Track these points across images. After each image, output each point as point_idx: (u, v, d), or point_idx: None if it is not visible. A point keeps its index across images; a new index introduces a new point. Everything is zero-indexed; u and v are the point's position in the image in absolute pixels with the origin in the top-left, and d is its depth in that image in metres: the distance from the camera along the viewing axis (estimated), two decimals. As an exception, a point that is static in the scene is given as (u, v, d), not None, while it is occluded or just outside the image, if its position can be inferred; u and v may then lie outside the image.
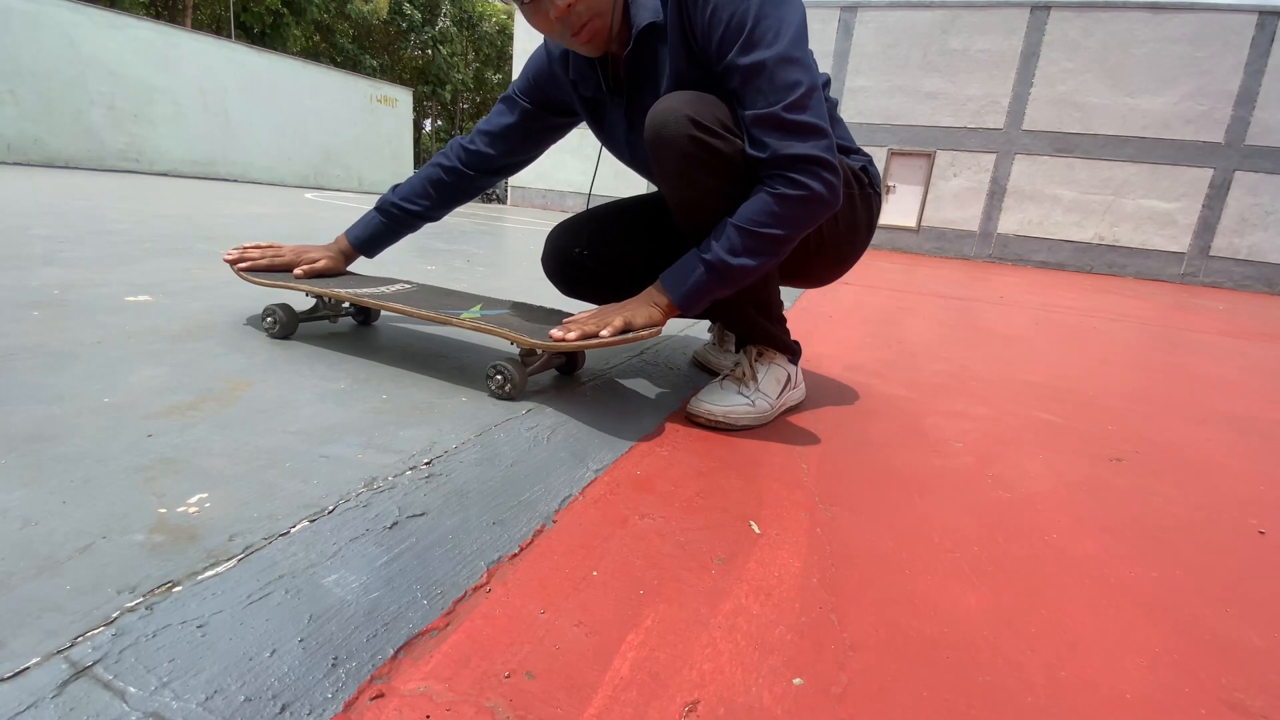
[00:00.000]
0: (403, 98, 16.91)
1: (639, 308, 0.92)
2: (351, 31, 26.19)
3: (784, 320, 1.13)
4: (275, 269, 1.13)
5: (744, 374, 1.07)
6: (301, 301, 1.18)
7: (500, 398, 0.90)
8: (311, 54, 23.95)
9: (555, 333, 0.87)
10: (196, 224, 2.98)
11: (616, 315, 0.90)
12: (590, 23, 0.85)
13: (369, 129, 15.86)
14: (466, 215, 7.69)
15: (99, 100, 10.75)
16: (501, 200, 21.96)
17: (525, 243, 4.18)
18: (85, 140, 10.66)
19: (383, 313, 1.30)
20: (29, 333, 0.95)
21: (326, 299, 1.15)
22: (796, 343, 1.14)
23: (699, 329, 1.73)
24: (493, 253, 3.19)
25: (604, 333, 0.86)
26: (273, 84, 13.45)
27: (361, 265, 2.05)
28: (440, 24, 28.04)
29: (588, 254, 1.21)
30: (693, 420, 1.04)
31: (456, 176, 1.16)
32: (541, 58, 1.08)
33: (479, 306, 1.04)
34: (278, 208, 5.16)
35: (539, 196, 17.20)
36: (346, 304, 1.19)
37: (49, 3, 9.94)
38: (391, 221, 1.18)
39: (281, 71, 13.69)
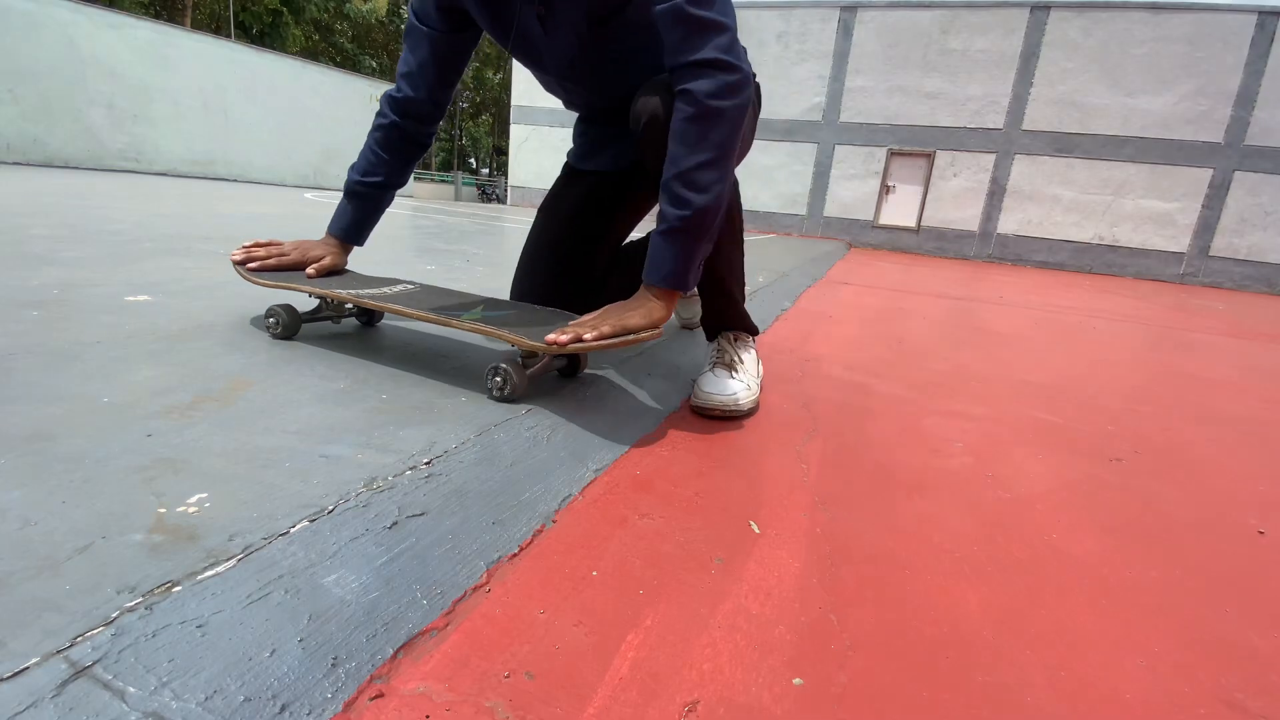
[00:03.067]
0: (402, 98, 16.85)
1: (638, 308, 0.92)
2: (350, 31, 26.18)
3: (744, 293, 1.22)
4: (282, 269, 1.12)
5: (731, 360, 1.13)
6: (304, 302, 1.17)
7: (500, 399, 0.90)
8: (311, 54, 23.93)
9: (551, 336, 0.86)
10: (196, 224, 2.98)
11: (616, 317, 0.89)
12: None
13: (368, 129, 15.83)
14: (466, 215, 7.69)
15: (98, 100, 10.74)
16: (501, 200, 21.96)
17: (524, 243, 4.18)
18: (85, 140, 10.64)
19: (386, 313, 1.30)
20: (29, 333, 0.95)
21: (330, 300, 1.14)
22: (744, 311, 1.23)
23: (698, 330, 1.73)
24: (493, 253, 3.19)
25: (588, 336, 0.84)
26: (272, 84, 13.44)
27: (364, 264, 2.05)
28: (440, 24, 28.00)
29: (565, 293, 1.23)
30: (702, 414, 1.06)
31: (398, 131, 1.14)
32: None
33: (481, 307, 1.04)
34: (277, 207, 5.15)
35: (539, 196, 17.17)
36: (349, 305, 1.18)
37: (49, 2, 9.92)
38: (364, 201, 1.17)
39: (281, 71, 13.68)
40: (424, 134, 1.18)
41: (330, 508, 0.55)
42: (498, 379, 0.90)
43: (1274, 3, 10.86)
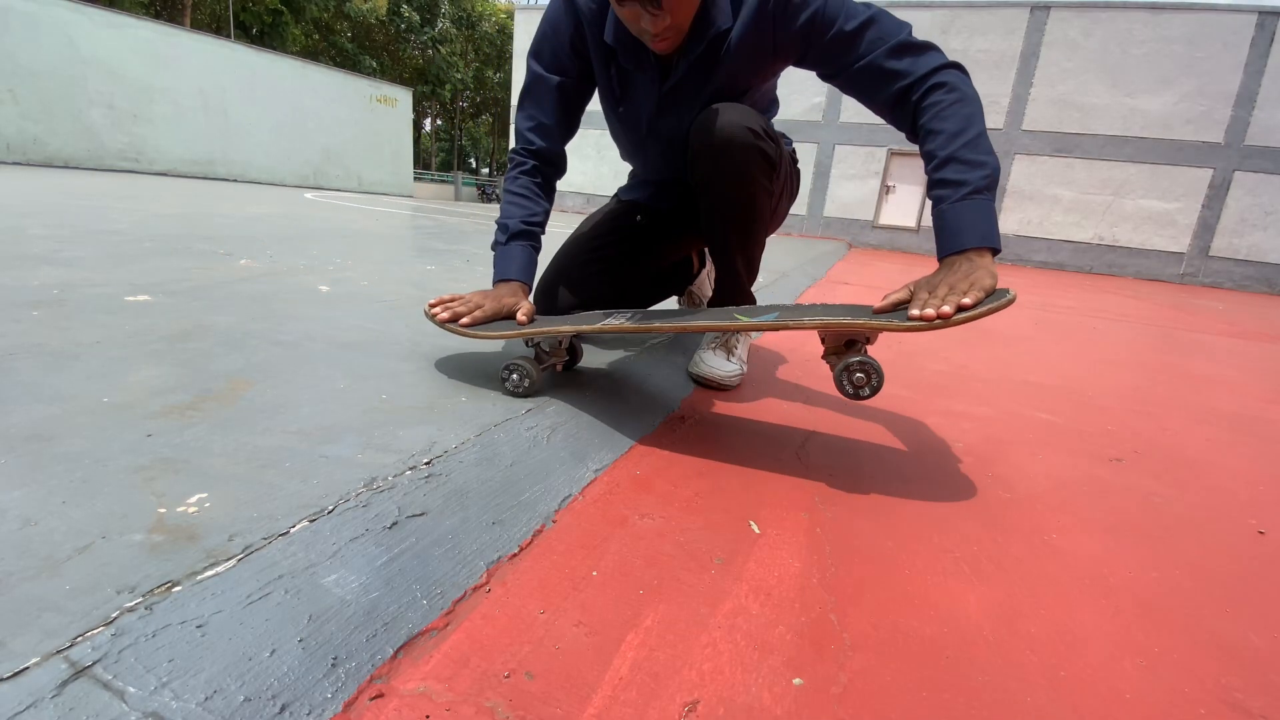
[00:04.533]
0: (402, 97, 16.90)
1: (973, 270, 0.81)
2: (350, 31, 26.18)
3: (756, 278, 1.29)
4: (487, 320, 1.00)
5: (730, 343, 1.28)
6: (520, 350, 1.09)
7: (518, 395, 0.91)
8: (311, 54, 23.94)
9: (929, 311, 0.74)
10: (196, 224, 2.98)
11: (965, 282, 0.79)
12: (674, 38, 0.98)
13: (368, 129, 15.86)
14: (466, 215, 7.69)
15: (98, 100, 10.75)
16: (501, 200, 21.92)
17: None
18: (84, 140, 10.65)
19: (585, 355, 1.19)
20: (29, 333, 0.95)
21: (548, 344, 1.00)
22: (754, 298, 1.33)
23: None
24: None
25: (966, 300, 0.74)
26: (272, 84, 13.45)
27: (364, 263, 2.04)
28: (440, 25, 28.02)
29: (583, 304, 1.24)
30: (698, 381, 1.26)
31: (544, 176, 1.14)
32: (564, 20, 1.07)
33: (738, 315, 0.93)
34: (277, 207, 5.16)
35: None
36: (563, 342, 1.04)
37: (49, 2, 9.93)
38: (536, 241, 1.11)
39: (281, 71, 13.69)
40: (558, 176, 1.18)
41: (330, 508, 0.55)
42: (514, 375, 0.90)
43: (1274, 3, 10.86)
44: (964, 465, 0.99)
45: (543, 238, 1.12)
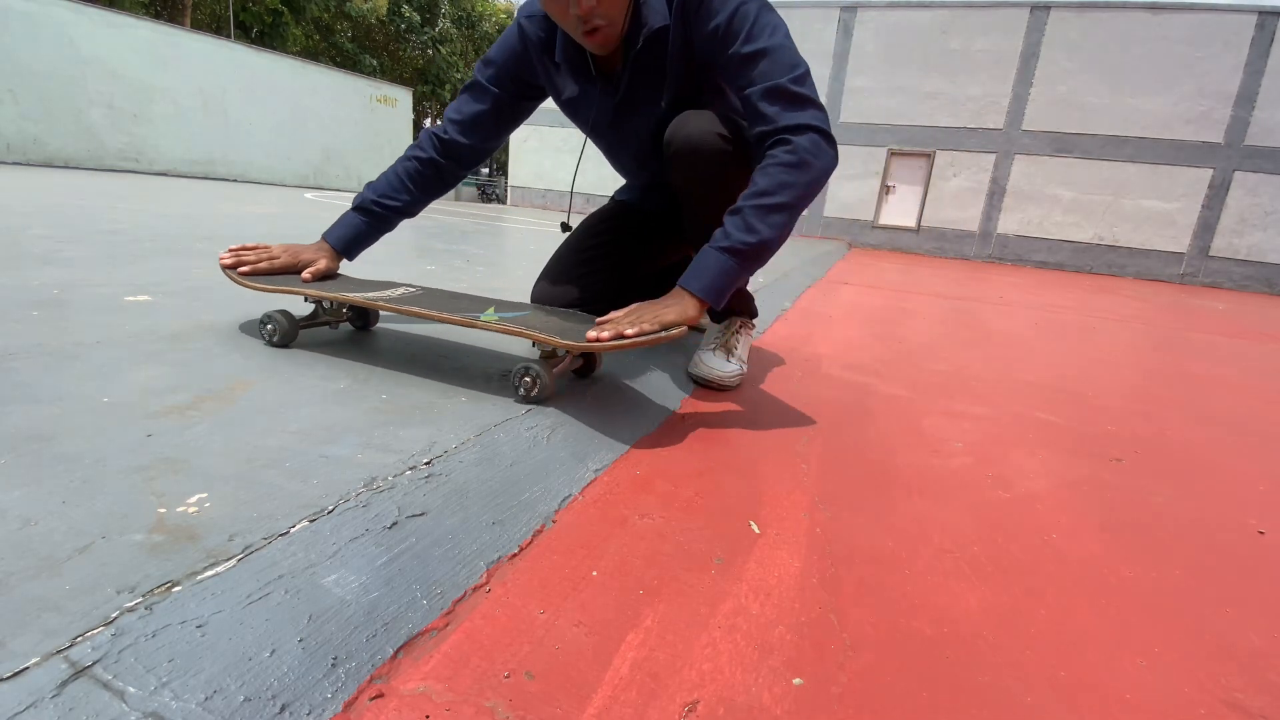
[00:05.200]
0: (402, 97, 16.90)
1: (673, 305, 0.93)
2: (351, 31, 26.18)
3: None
4: (275, 272, 1.09)
5: (731, 345, 1.28)
6: (300, 307, 1.14)
7: (528, 400, 0.89)
8: (311, 53, 23.92)
9: (593, 334, 0.85)
10: (196, 224, 2.98)
11: (651, 314, 0.90)
12: (604, 28, 0.94)
13: (368, 129, 15.85)
14: (466, 215, 7.69)
15: (98, 100, 10.74)
16: (501, 200, 21.96)
17: (525, 243, 4.18)
18: (84, 140, 10.65)
19: (381, 318, 1.27)
20: (29, 333, 0.95)
21: (328, 304, 1.10)
22: (752, 300, 1.37)
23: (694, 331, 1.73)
24: (492, 253, 3.19)
25: (629, 332, 0.85)
26: (272, 84, 13.44)
27: (363, 262, 2.04)
28: (440, 24, 28.03)
29: (581, 300, 1.28)
30: (698, 381, 1.25)
31: (433, 168, 1.17)
32: (516, 45, 1.12)
33: (493, 308, 1.02)
34: (277, 207, 5.16)
35: (539, 196, 17.19)
36: (346, 308, 1.14)
37: (49, 2, 9.92)
38: (373, 220, 1.16)
39: (281, 71, 13.68)
40: (458, 176, 1.21)
41: (330, 508, 0.55)
42: (527, 379, 0.89)
43: (1274, 3, 10.86)
44: (964, 465, 0.99)
45: (401, 220, 1.19)
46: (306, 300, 1.05)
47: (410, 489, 0.61)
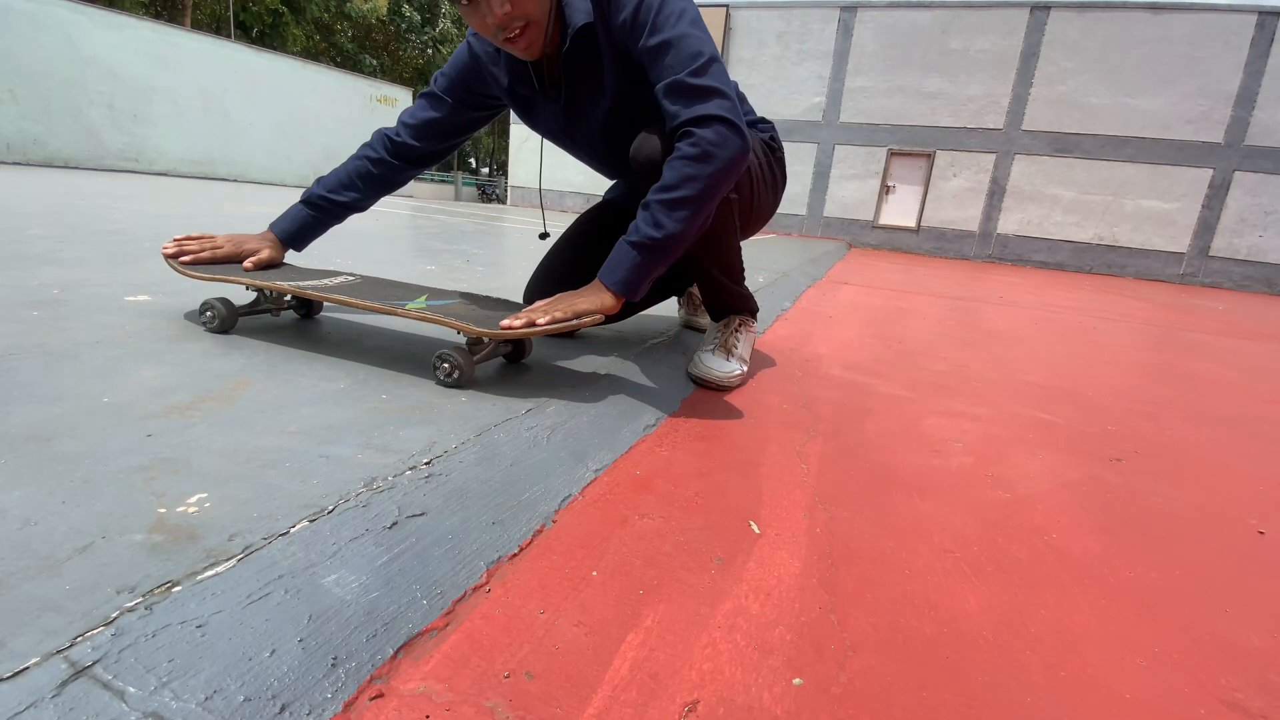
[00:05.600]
0: (403, 97, 16.88)
1: (589, 295, 0.96)
2: (351, 31, 26.16)
3: (744, 276, 1.31)
4: (216, 262, 1.11)
5: (730, 344, 1.27)
6: (241, 295, 1.15)
7: (448, 385, 0.92)
8: (311, 54, 23.92)
9: (506, 321, 0.89)
10: (196, 224, 2.98)
11: (568, 302, 0.94)
12: (526, 30, 0.93)
13: (369, 129, 15.78)
14: (466, 215, 7.69)
15: (98, 100, 10.73)
16: (501, 200, 21.95)
17: (524, 243, 4.18)
18: (85, 140, 10.64)
19: (325, 306, 1.28)
20: (29, 333, 0.95)
21: (268, 292, 1.12)
22: (753, 298, 1.36)
23: (695, 331, 1.73)
24: (492, 252, 3.19)
25: (541, 320, 0.89)
26: (272, 84, 13.43)
27: (363, 262, 2.04)
28: (440, 24, 28.01)
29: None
30: (697, 382, 1.25)
31: (384, 168, 1.19)
32: (466, 58, 1.13)
33: (424, 297, 1.04)
34: (277, 207, 5.15)
35: (538, 196, 17.17)
36: (288, 296, 1.17)
37: (49, 2, 9.92)
38: (320, 214, 1.19)
39: (281, 71, 13.67)
40: (407, 175, 1.23)
41: (330, 508, 0.55)
42: (445, 365, 0.92)
43: (1274, 3, 10.86)
44: (964, 465, 0.99)
45: (349, 215, 1.21)
46: (248, 289, 1.06)
47: (410, 489, 0.61)
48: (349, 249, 2.55)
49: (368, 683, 0.44)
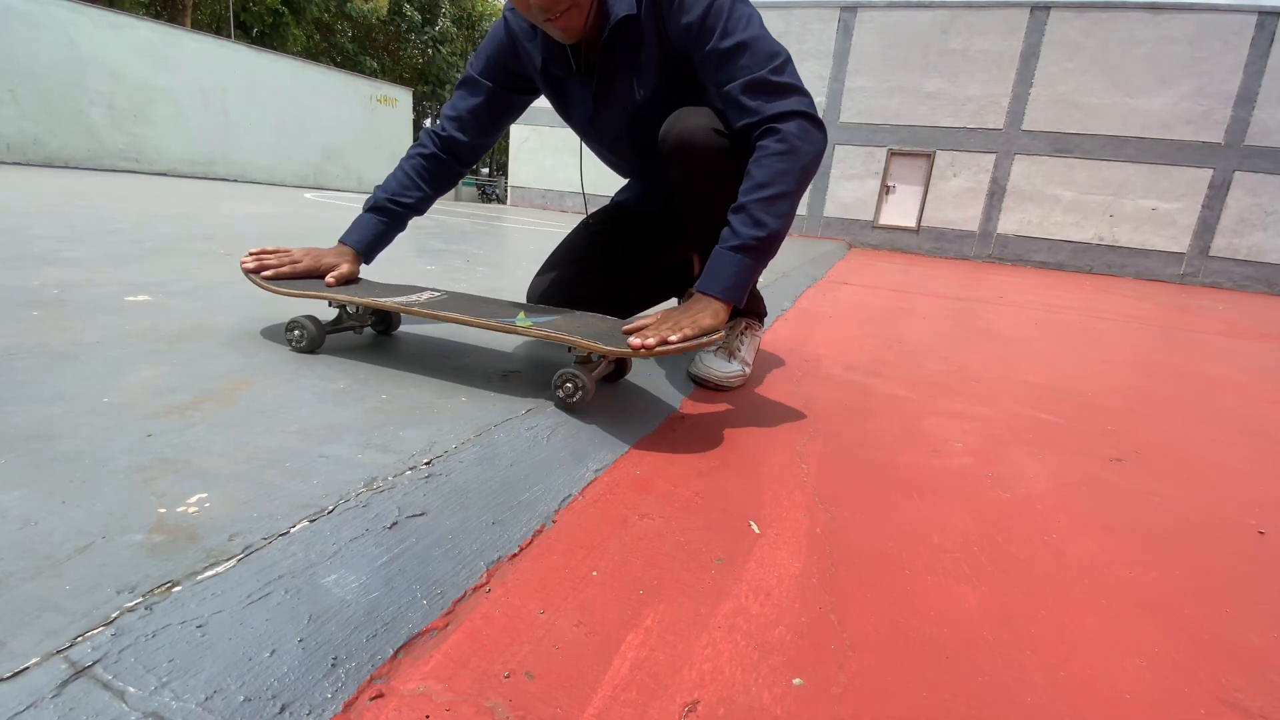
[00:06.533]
0: (403, 98, 16.90)
1: (704, 309, 0.93)
2: (351, 31, 26.16)
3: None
4: (296, 276, 1.06)
5: (734, 346, 1.27)
6: (324, 311, 1.10)
7: (566, 407, 0.89)
8: (311, 54, 23.91)
9: (636, 341, 0.85)
10: (196, 224, 2.98)
11: (689, 319, 0.90)
12: (568, 12, 0.93)
13: (369, 129, 15.85)
14: (466, 215, 7.69)
15: (98, 100, 10.74)
16: (501, 200, 21.96)
17: (525, 243, 4.18)
18: (85, 140, 10.64)
19: (402, 321, 1.24)
20: (29, 333, 0.95)
21: (354, 308, 1.06)
22: (763, 300, 1.36)
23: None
24: (492, 252, 3.19)
25: (673, 338, 0.86)
26: (272, 84, 13.44)
27: (373, 271, 2.04)
28: (440, 24, 28.02)
29: (573, 301, 1.29)
30: (698, 382, 1.25)
31: (437, 163, 1.18)
32: (503, 35, 1.13)
33: (522, 313, 0.99)
34: (277, 207, 5.16)
35: (538, 196, 17.19)
36: (371, 313, 1.11)
37: (49, 2, 9.92)
38: (391, 219, 1.16)
39: (281, 71, 13.68)
40: (458, 173, 1.22)
41: (330, 508, 0.55)
42: (568, 384, 0.88)
43: (1274, 3, 10.86)
44: (964, 465, 0.99)
45: (413, 218, 1.19)
46: (331, 305, 1.03)
47: (410, 489, 0.61)
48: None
49: (368, 683, 0.44)
